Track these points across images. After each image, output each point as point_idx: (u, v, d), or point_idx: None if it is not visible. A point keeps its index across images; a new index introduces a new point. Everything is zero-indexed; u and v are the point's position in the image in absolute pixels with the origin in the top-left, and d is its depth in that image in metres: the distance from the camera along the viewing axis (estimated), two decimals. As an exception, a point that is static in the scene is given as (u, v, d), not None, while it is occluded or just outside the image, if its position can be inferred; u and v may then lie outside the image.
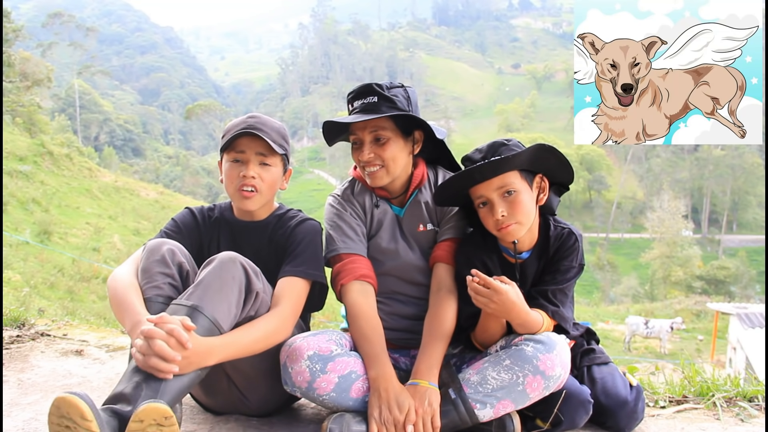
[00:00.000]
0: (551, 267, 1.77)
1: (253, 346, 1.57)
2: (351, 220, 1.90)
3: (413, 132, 1.89)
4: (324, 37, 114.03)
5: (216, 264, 1.56)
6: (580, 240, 1.80)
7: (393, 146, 1.82)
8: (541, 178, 1.77)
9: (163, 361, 1.37)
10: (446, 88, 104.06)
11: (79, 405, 1.24)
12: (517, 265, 1.80)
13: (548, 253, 1.78)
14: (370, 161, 1.82)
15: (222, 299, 1.52)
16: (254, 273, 1.61)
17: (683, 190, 52.63)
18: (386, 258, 1.91)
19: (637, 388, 1.78)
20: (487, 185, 1.70)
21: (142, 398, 1.35)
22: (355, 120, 1.78)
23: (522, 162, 1.70)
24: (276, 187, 1.88)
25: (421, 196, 1.93)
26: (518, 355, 1.58)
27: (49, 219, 16.88)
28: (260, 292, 1.62)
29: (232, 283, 1.54)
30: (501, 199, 1.69)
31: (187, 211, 1.94)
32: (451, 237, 1.88)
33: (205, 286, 1.52)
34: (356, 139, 1.86)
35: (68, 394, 1.26)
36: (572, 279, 1.76)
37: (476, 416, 1.58)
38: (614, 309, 28.08)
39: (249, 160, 1.80)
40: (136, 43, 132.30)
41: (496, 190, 1.69)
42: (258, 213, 1.90)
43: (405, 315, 1.90)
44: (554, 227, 1.80)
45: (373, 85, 1.83)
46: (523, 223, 1.71)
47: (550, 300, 1.71)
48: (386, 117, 1.80)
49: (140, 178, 42.54)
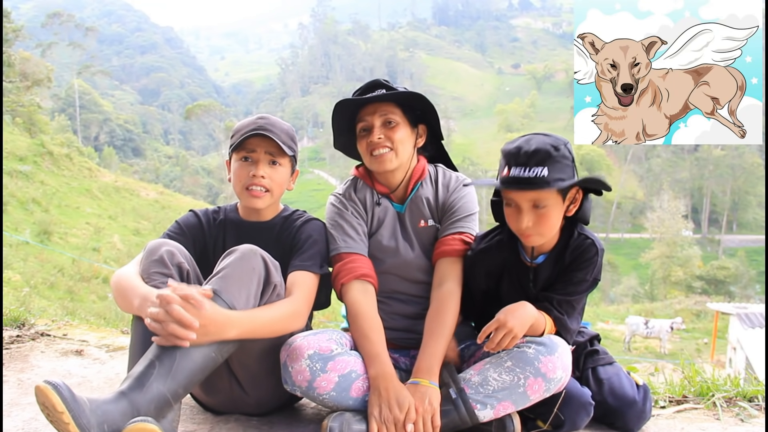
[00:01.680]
0: (564, 276, 1.73)
1: (270, 326, 1.59)
2: (352, 219, 1.91)
3: (418, 126, 1.92)
4: (324, 37, 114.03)
5: (237, 255, 1.58)
6: (601, 255, 1.73)
7: (402, 131, 1.85)
8: (577, 191, 1.70)
9: (181, 328, 1.38)
10: (446, 88, 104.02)
11: (50, 396, 1.26)
12: (532, 269, 1.77)
13: (564, 260, 1.74)
14: (380, 143, 1.83)
15: (241, 288, 1.54)
16: (274, 266, 1.64)
17: (683, 190, 52.63)
18: (386, 256, 1.91)
19: (644, 387, 1.78)
20: (521, 194, 1.64)
21: (155, 377, 1.39)
22: (370, 97, 1.82)
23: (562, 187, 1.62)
24: (284, 187, 1.90)
25: (422, 191, 1.93)
26: (520, 357, 1.58)
27: (49, 219, 16.89)
28: (278, 286, 1.65)
29: (252, 274, 1.57)
30: (530, 210, 1.63)
31: (191, 213, 1.95)
32: (454, 232, 1.88)
33: (225, 275, 1.55)
34: (365, 125, 1.87)
35: (43, 383, 1.28)
36: (583, 293, 1.73)
37: (476, 416, 1.58)
38: (614, 309, 28.08)
39: (259, 160, 1.83)
40: (136, 43, 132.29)
41: (529, 200, 1.64)
42: (264, 213, 1.91)
43: (405, 314, 1.90)
44: (577, 235, 1.73)
45: (381, 80, 1.89)
46: (545, 236, 1.69)
47: (556, 308, 1.70)
48: (394, 105, 1.85)
49: (140, 178, 42.57)
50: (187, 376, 1.44)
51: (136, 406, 1.37)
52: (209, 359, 1.49)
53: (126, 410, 1.36)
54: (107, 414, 1.33)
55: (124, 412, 1.35)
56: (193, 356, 1.44)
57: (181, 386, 1.44)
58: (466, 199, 1.92)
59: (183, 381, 1.44)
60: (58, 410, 1.26)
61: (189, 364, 1.44)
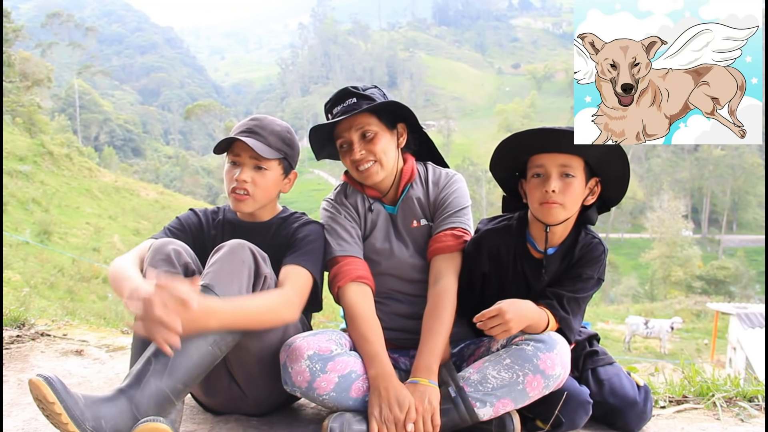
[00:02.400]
0: (572, 272, 1.75)
1: (259, 315, 1.57)
2: (345, 222, 1.91)
3: (397, 125, 1.91)
4: (324, 37, 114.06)
5: (226, 249, 1.59)
6: (606, 254, 1.78)
7: (381, 140, 1.84)
8: (596, 183, 1.76)
9: (165, 329, 1.35)
10: (446, 88, 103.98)
11: (41, 388, 1.28)
12: (541, 260, 1.78)
13: (572, 257, 1.76)
14: (362, 158, 1.82)
15: (233, 281, 1.55)
16: (262, 258, 1.65)
17: (683, 190, 52.67)
18: (381, 258, 1.91)
19: (644, 387, 1.78)
20: (552, 157, 1.68)
21: (151, 374, 1.40)
22: (341, 119, 1.80)
23: (593, 155, 1.69)
24: (273, 191, 1.89)
25: (412, 191, 1.93)
26: (518, 354, 1.58)
27: (49, 219, 16.89)
28: (268, 277, 1.65)
29: (242, 266, 1.58)
30: (559, 177, 1.68)
31: (191, 212, 1.96)
32: (446, 228, 1.88)
33: (216, 270, 1.56)
34: (343, 141, 1.86)
35: (36, 377, 1.30)
36: (590, 290, 1.75)
37: (476, 415, 1.58)
38: (614, 309, 28.09)
39: (243, 164, 1.82)
40: (136, 43, 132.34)
41: (559, 166, 1.68)
42: (260, 215, 1.91)
43: (403, 314, 1.90)
44: (585, 234, 1.78)
45: (350, 88, 1.86)
46: (567, 209, 1.70)
47: (563, 306, 1.70)
48: (369, 113, 1.82)
49: (140, 178, 42.57)
50: (185, 371, 1.44)
51: (135, 404, 1.37)
52: (207, 353, 1.48)
53: (124, 408, 1.36)
54: (104, 410, 1.33)
55: (122, 410, 1.35)
56: (188, 351, 1.44)
57: (180, 382, 1.44)
58: (458, 194, 1.92)
59: (181, 377, 1.43)
60: (49, 401, 1.27)
61: (185, 360, 1.44)
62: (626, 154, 1.71)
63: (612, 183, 1.78)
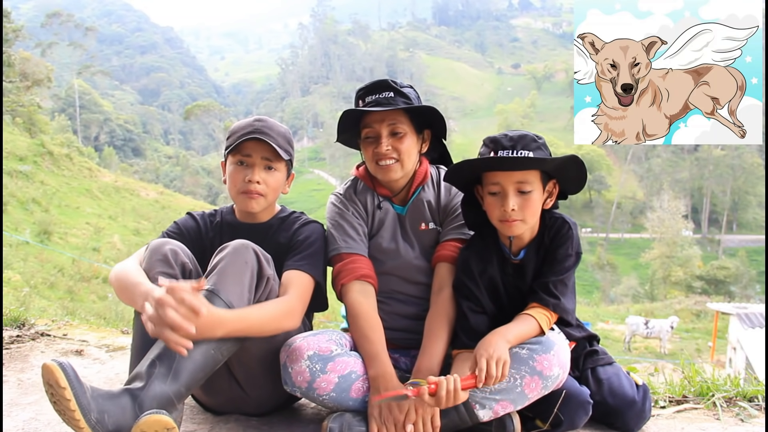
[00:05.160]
0: (549, 257, 1.75)
1: (262, 325, 1.58)
2: (353, 219, 1.90)
3: (424, 131, 1.91)
4: (324, 37, 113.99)
5: (230, 250, 1.59)
6: (575, 228, 1.77)
7: (408, 141, 1.84)
8: (554, 185, 1.76)
9: (175, 333, 1.36)
10: (446, 88, 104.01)
11: (55, 372, 1.28)
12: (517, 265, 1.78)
13: (545, 245, 1.77)
14: (387, 154, 1.81)
15: (236, 283, 1.55)
16: (266, 260, 1.65)
17: (683, 190, 52.63)
18: (387, 257, 1.91)
19: (643, 387, 1.78)
20: (508, 176, 1.67)
21: (155, 376, 1.41)
22: (377, 110, 1.78)
23: (549, 167, 1.69)
24: (279, 191, 1.90)
25: (423, 194, 1.93)
26: (515, 358, 1.57)
27: (49, 219, 16.88)
28: (270, 279, 1.65)
29: (245, 267, 1.58)
30: (515, 194, 1.67)
31: (188, 216, 1.96)
32: (455, 237, 1.87)
33: (220, 271, 1.55)
34: (371, 132, 1.84)
35: (50, 361, 1.30)
36: (571, 268, 1.74)
37: (476, 416, 1.59)
38: (614, 309, 28.08)
39: (255, 165, 1.82)
40: (136, 43, 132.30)
41: (515, 183, 1.67)
42: (260, 215, 1.91)
43: (405, 314, 1.90)
44: (548, 218, 1.78)
45: (389, 81, 1.85)
46: (528, 222, 1.70)
47: (551, 292, 1.69)
48: (402, 112, 1.83)
49: (140, 178, 42.54)
50: (189, 375, 1.45)
51: (139, 403, 1.38)
52: (209, 357, 1.49)
53: (127, 406, 1.36)
54: (108, 406, 1.34)
55: (125, 408, 1.36)
56: (193, 355, 1.44)
57: (183, 385, 1.44)
58: None
59: (185, 381, 1.44)
60: (61, 386, 1.27)
61: (189, 363, 1.44)
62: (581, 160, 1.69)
63: (570, 183, 1.77)
